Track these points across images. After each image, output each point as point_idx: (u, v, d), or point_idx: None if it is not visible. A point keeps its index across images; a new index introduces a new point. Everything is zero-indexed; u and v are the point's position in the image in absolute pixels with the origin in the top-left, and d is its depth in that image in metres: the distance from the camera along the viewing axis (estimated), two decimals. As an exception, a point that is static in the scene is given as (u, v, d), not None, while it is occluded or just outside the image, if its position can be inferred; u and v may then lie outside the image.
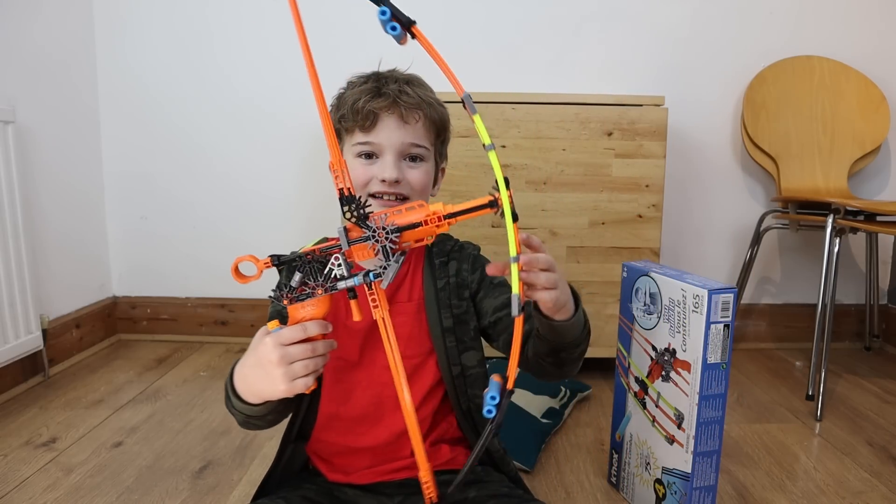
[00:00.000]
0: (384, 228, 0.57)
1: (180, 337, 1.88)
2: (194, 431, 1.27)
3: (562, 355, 0.73)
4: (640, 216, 1.51)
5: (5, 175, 1.37)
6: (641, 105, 1.48)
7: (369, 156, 0.76)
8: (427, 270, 0.82)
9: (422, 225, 0.58)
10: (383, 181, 0.74)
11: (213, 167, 1.84)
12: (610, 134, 1.48)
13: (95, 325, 1.78)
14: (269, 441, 1.23)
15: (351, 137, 0.77)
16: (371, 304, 0.60)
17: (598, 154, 1.49)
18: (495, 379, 0.56)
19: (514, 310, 0.54)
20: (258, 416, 0.70)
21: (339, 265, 0.59)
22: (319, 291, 0.59)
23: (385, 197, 0.75)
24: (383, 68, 0.82)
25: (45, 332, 1.52)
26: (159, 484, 1.07)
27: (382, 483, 0.80)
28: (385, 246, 0.57)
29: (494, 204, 0.57)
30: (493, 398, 0.55)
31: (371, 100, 0.75)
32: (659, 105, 1.49)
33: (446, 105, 0.85)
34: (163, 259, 1.89)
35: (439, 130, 0.80)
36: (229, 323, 1.89)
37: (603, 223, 1.51)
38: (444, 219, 0.58)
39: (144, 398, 1.44)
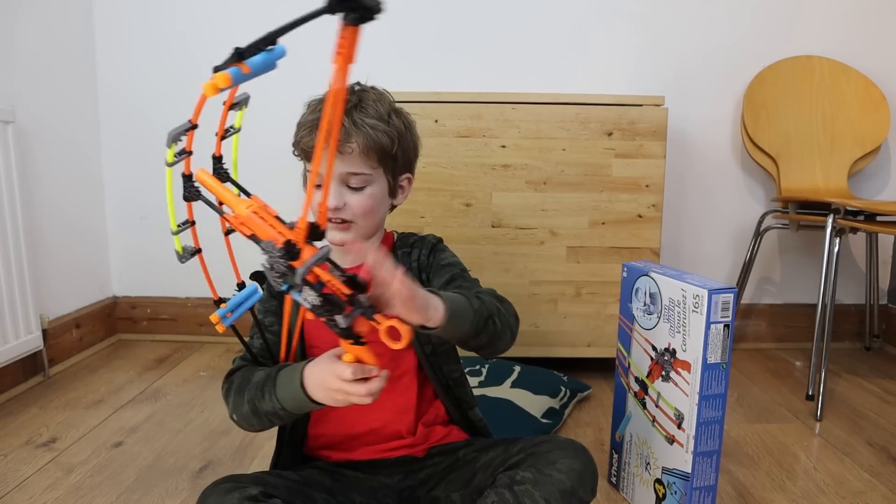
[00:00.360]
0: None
1: (180, 337, 1.88)
2: (194, 431, 1.27)
3: (470, 344, 0.75)
4: (640, 216, 1.51)
5: (5, 175, 1.37)
6: (641, 105, 1.48)
7: (318, 185, 0.79)
8: (393, 261, 0.86)
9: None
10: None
11: (212, 167, 1.84)
12: (610, 134, 1.48)
13: (95, 325, 1.78)
14: (269, 441, 1.23)
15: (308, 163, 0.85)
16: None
17: (598, 154, 1.49)
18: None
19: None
20: (296, 415, 0.75)
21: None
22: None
23: (332, 220, 0.81)
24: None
25: (45, 332, 1.52)
26: (159, 484, 1.07)
27: (381, 461, 0.84)
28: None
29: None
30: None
31: (307, 135, 0.83)
32: (659, 105, 1.49)
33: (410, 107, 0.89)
34: (163, 259, 1.88)
35: (381, 154, 0.82)
36: (229, 323, 1.89)
37: (603, 223, 1.51)
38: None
39: (144, 398, 1.44)
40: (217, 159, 0.67)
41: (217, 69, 0.52)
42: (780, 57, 1.77)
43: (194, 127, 0.62)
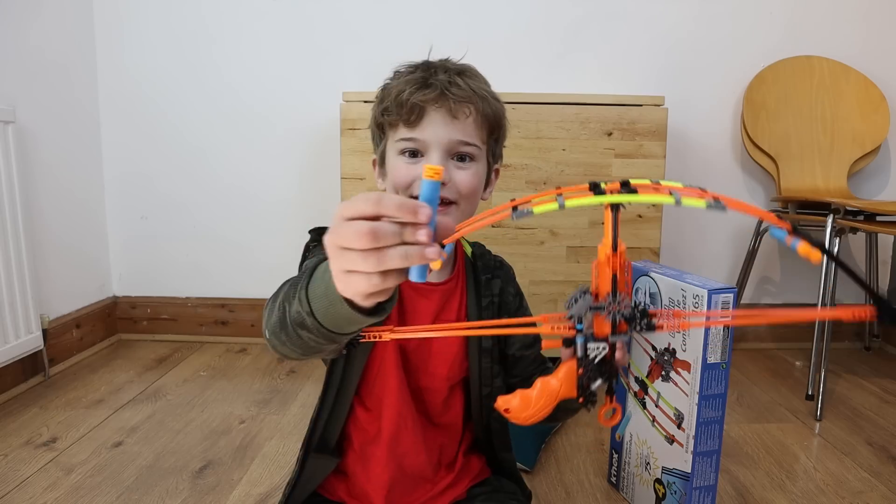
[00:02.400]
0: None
1: (180, 337, 1.88)
2: (194, 431, 1.27)
3: (558, 416, 0.67)
4: (640, 216, 1.51)
5: (5, 175, 1.37)
6: (641, 105, 1.48)
7: (413, 153, 0.69)
8: (471, 287, 0.78)
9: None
10: None
11: (212, 168, 1.84)
12: (610, 134, 1.48)
13: (95, 325, 1.78)
14: (269, 441, 1.23)
15: (395, 132, 0.70)
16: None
17: (598, 154, 1.49)
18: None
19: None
20: (326, 330, 0.48)
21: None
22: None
23: None
24: (434, 57, 0.75)
25: (45, 331, 1.52)
26: (159, 484, 1.07)
27: None
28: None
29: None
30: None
31: (417, 91, 0.68)
32: (659, 105, 1.49)
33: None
34: (163, 259, 1.89)
35: (493, 127, 0.72)
36: (229, 323, 1.89)
37: (603, 223, 1.51)
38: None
39: (144, 398, 1.44)
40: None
41: None
42: (780, 57, 1.77)
43: None
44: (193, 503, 1.01)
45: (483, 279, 0.78)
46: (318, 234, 0.70)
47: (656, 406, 0.95)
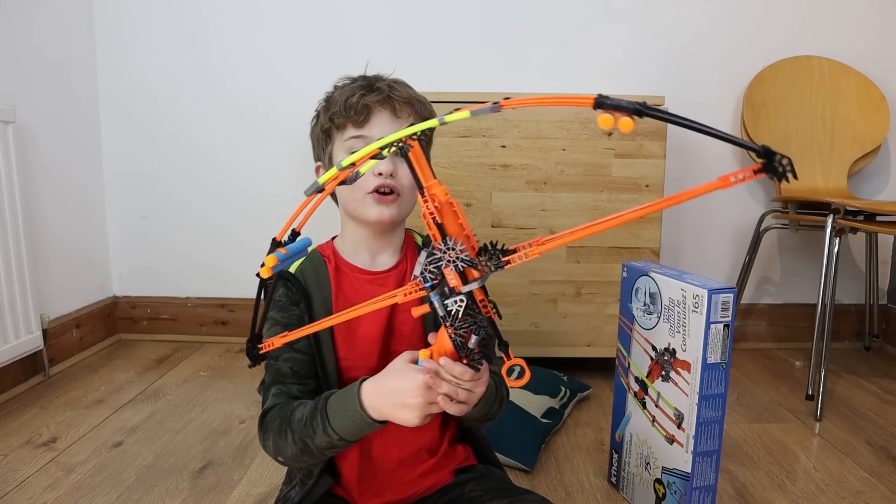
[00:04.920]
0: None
1: (180, 337, 1.88)
2: (194, 431, 1.27)
3: (464, 421, 0.75)
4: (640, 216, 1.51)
5: (5, 175, 1.37)
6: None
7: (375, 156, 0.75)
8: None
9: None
10: (379, 174, 0.73)
11: (212, 168, 1.84)
12: (610, 134, 1.48)
13: (95, 325, 1.78)
14: (269, 441, 1.23)
15: (343, 133, 0.77)
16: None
17: (598, 154, 1.49)
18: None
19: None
20: (354, 441, 0.68)
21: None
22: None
23: (381, 191, 0.74)
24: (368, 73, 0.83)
25: (45, 331, 1.52)
26: (159, 484, 1.07)
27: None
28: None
29: None
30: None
31: (364, 95, 0.75)
32: (659, 105, 1.49)
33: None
34: (163, 259, 1.89)
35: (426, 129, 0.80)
36: (229, 323, 1.89)
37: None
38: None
39: (144, 398, 1.44)
40: None
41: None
42: (780, 57, 1.77)
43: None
44: (193, 503, 1.01)
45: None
46: (271, 279, 0.75)
47: (656, 406, 0.95)
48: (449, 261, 0.52)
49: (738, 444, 1.24)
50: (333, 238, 0.84)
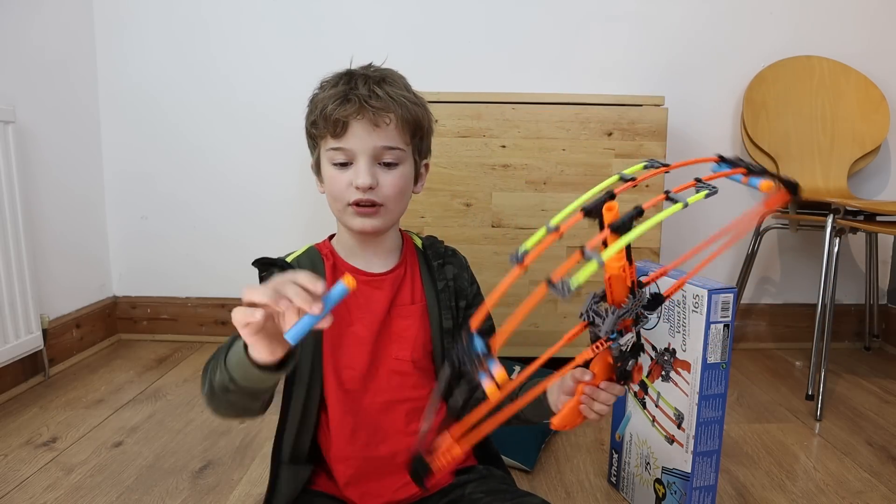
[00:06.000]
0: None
1: (180, 337, 1.88)
2: (194, 431, 1.27)
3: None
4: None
5: (5, 175, 1.37)
6: (641, 105, 1.48)
7: (344, 164, 0.74)
8: (425, 272, 0.83)
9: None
10: (357, 188, 0.73)
11: (213, 168, 1.84)
12: (610, 134, 1.48)
13: (95, 325, 1.78)
14: (269, 441, 1.22)
15: (325, 143, 0.76)
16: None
17: (598, 154, 1.49)
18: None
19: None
20: (247, 388, 0.60)
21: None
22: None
23: (361, 205, 0.73)
24: (357, 64, 0.80)
25: (45, 331, 1.52)
26: (159, 484, 1.07)
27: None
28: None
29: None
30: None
31: (339, 106, 0.72)
32: (659, 105, 1.49)
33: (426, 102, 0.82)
34: (163, 259, 1.89)
35: (415, 129, 0.77)
36: (229, 323, 1.87)
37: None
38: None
39: (144, 398, 1.44)
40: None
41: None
42: (780, 57, 1.77)
43: None
44: (193, 503, 1.01)
45: (435, 265, 0.83)
46: (263, 265, 0.80)
47: (656, 406, 0.95)
48: (632, 311, 0.60)
49: (738, 444, 1.24)
50: (330, 237, 0.84)
